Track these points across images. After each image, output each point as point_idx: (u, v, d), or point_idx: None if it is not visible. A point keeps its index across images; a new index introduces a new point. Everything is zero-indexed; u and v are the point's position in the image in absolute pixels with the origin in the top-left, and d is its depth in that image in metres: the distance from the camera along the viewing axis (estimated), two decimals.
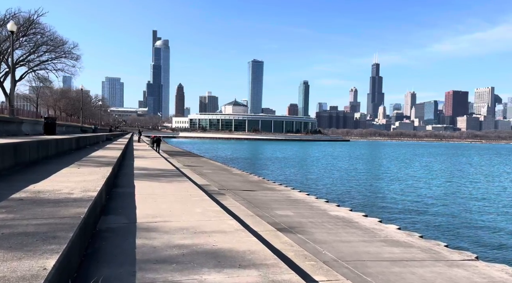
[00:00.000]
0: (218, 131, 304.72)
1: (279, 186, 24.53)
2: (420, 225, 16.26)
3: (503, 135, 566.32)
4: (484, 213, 20.91)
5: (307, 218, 14.41)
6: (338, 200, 22.29)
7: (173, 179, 11.96)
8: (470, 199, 25.88)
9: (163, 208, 6.83)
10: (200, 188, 11.34)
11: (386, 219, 16.69)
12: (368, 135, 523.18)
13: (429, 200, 25.12)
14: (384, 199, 24.94)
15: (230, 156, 77.46)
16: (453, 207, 22.45)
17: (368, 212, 17.80)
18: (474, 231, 16.06)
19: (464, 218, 19.15)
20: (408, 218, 17.97)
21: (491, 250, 13.02)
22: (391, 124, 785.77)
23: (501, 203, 24.51)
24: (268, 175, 36.67)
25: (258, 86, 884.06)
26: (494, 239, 14.67)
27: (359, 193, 27.25)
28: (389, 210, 20.76)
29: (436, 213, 20.10)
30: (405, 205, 22.30)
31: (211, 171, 32.57)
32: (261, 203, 17.37)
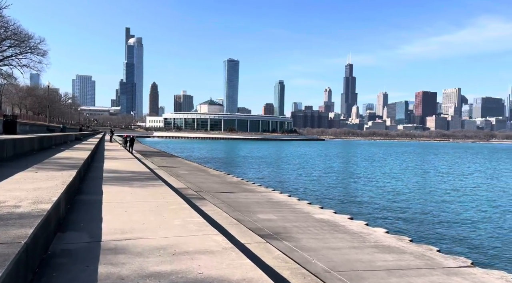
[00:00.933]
0: (193, 131, 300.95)
1: (259, 187, 23.69)
2: (407, 227, 15.85)
3: (469, 134, 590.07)
4: (463, 211, 20.86)
5: (292, 222, 13.63)
6: (320, 201, 21.69)
7: (147, 183, 10.83)
8: (448, 198, 25.96)
9: (135, 220, 5.80)
10: (177, 192, 10.29)
11: (372, 221, 16.17)
12: (342, 135, 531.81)
13: (409, 199, 24.97)
14: (366, 199, 24.59)
15: (206, 155, 76.06)
16: (432, 206, 22.32)
17: (352, 214, 17.24)
18: (461, 232, 15.79)
19: (446, 218, 18.96)
20: (393, 219, 17.56)
21: (483, 252, 12.69)
22: (364, 124, 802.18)
23: (478, 201, 24.66)
24: (246, 175, 35.78)
25: (233, 85, 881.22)
26: (482, 240, 14.42)
27: (340, 193, 26.82)
28: (373, 210, 20.33)
29: (419, 213, 19.83)
30: (388, 205, 21.97)
31: (188, 172, 31.35)
32: (242, 206, 16.46)
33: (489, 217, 19.63)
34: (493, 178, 42.55)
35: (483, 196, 27.74)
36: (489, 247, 13.30)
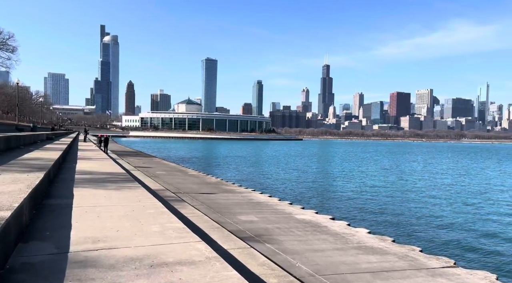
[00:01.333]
0: (171, 131, 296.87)
1: (239, 188, 23.31)
2: (388, 227, 15.85)
3: (441, 134, 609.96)
4: (440, 210, 21.17)
5: (273, 224, 13.34)
6: (301, 201, 21.52)
7: (122, 185, 10.27)
8: (425, 196, 26.37)
9: (108, 226, 5.32)
10: (155, 195, 9.79)
11: (353, 221, 16.09)
12: (320, 135, 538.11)
13: (388, 198, 25.19)
14: (346, 198, 24.63)
15: (184, 155, 74.98)
16: (411, 205, 22.56)
17: (333, 214, 17.14)
18: (440, 231, 15.94)
19: (424, 216, 19.15)
20: (374, 219, 17.56)
21: (463, 251, 12.79)
22: (341, 124, 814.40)
23: (453, 199, 25.15)
24: (226, 176, 35.31)
25: (212, 85, 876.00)
26: (461, 238, 14.56)
27: (320, 193, 26.79)
28: (354, 210, 20.32)
29: (398, 212, 19.97)
30: (368, 205, 22.05)
31: (165, 173, 30.60)
32: (222, 207, 16.05)
33: (465, 215, 19.98)
34: (465, 176, 43.76)
35: (458, 194, 28.36)
36: (468, 245, 13.43)
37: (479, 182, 37.48)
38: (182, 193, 19.43)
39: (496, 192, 30.42)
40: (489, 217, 19.60)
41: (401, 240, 13.36)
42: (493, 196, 27.69)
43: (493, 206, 23.42)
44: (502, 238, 14.86)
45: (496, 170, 54.50)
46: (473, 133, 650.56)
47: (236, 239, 7.51)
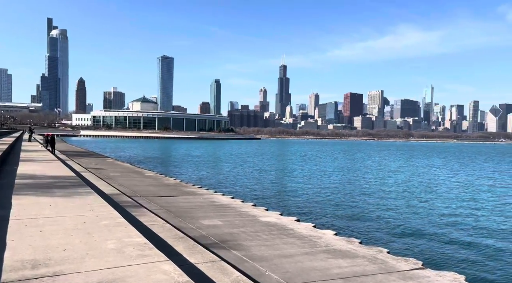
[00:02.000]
0: (125, 130, 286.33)
1: (199, 189, 22.46)
2: (353, 227, 15.82)
3: (391, 133, 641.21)
4: (398, 208, 21.70)
5: (238, 228, 12.76)
6: (265, 203, 21.11)
7: (72, 191, 9.18)
8: (383, 194, 27.01)
9: (53, 244, 4.45)
10: (109, 201, 8.82)
11: (319, 222, 15.89)
12: (277, 134, 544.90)
13: (350, 198, 25.49)
14: (309, 198, 24.58)
15: (140, 155, 72.23)
16: (372, 203, 22.95)
17: (298, 215, 16.86)
18: (403, 230, 16.19)
19: (386, 215, 19.47)
20: (340, 220, 17.51)
21: (428, 250, 12.96)
22: (297, 123, 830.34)
23: (409, 197, 25.99)
24: (184, 177, 34.17)
25: (168, 83, 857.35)
26: (424, 237, 14.85)
27: (283, 194, 26.57)
28: (318, 211, 20.23)
29: (362, 212, 20.15)
30: (333, 205, 22.09)
31: (120, 174, 28.96)
32: (183, 211, 15.20)
33: (424, 213, 20.59)
34: (417, 174, 45.78)
35: (413, 191, 29.41)
36: (432, 244, 13.67)
37: (431, 180, 39.26)
38: (139, 197, 18.28)
39: (448, 188, 31.91)
40: (446, 214, 20.34)
41: (367, 241, 13.31)
42: (448, 193, 28.99)
43: (449, 202, 24.43)
44: (465, 236, 15.36)
45: (443, 168, 57.68)
46: (420, 133, 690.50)
47: (203, 251, 6.83)
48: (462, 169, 56.32)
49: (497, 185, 36.09)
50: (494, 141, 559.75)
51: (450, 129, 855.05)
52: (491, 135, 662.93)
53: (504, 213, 20.99)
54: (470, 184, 35.77)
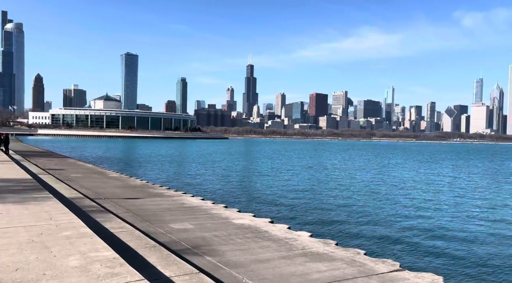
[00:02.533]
0: (87, 129, 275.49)
1: (167, 191, 21.64)
2: (328, 228, 15.70)
3: (355, 133, 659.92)
4: (370, 206, 21.96)
5: (211, 231, 12.24)
6: (236, 203, 20.66)
7: (27, 196, 8.29)
8: (352, 193, 27.31)
9: (3, 263, 3.76)
10: (71, 207, 8.06)
11: (293, 223, 15.66)
12: (245, 133, 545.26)
13: (321, 197, 25.52)
14: (281, 198, 24.38)
15: (103, 155, 69.45)
16: (343, 203, 23.08)
17: (271, 217, 16.56)
18: (377, 228, 16.29)
19: (357, 215, 19.59)
20: (313, 220, 17.36)
21: (403, 249, 13.04)
22: (264, 123, 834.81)
23: (377, 195, 26.43)
24: (151, 177, 33.03)
25: (132, 81, 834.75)
26: (398, 236, 14.98)
27: (253, 193, 26.21)
28: (291, 211, 20.01)
29: (335, 212, 20.16)
30: (305, 205, 21.97)
31: (82, 175, 27.49)
32: (152, 214, 14.45)
33: (391, 212, 20.94)
34: (383, 172, 46.97)
35: (381, 190, 29.98)
36: (407, 243, 13.79)
37: (397, 178, 40.35)
38: (103, 199, 17.29)
39: (414, 186, 32.85)
40: (415, 212, 20.80)
41: (343, 242, 13.21)
42: (414, 190, 29.80)
43: (417, 200, 25.06)
44: (438, 234, 15.65)
45: (407, 166, 59.71)
46: (381, 132, 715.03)
47: (179, 261, 6.30)
48: (427, 167, 58.54)
49: (463, 184, 37.65)
50: (450, 140, 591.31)
51: (409, 129, 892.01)
52: (446, 135, 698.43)
53: (475, 212, 21.78)
54: (437, 183, 37.09)
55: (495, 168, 61.65)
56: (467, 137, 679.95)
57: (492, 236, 16.01)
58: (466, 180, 40.79)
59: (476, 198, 27.23)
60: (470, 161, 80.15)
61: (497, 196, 28.30)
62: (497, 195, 29.14)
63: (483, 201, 25.58)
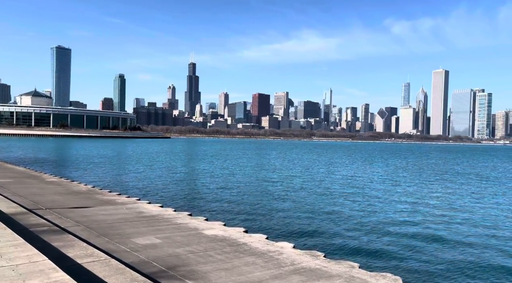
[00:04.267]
0: (12, 127, 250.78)
1: (119, 197, 19.48)
2: (303, 234, 14.82)
3: (295, 133, 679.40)
4: (328, 207, 21.62)
5: (183, 246, 10.77)
6: (197, 210, 19.08)
7: None
8: (309, 193, 26.95)
9: None
10: (18, 231, 6.23)
11: (269, 232, 14.54)
12: (187, 133, 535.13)
13: (283, 199, 24.76)
14: (241, 201, 23.19)
15: (34, 157, 62.93)
16: (307, 205, 22.51)
17: (243, 224, 15.37)
18: (348, 233, 15.81)
19: (326, 218, 19.09)
20: (284, 226, 16.40)
21: (390, 256, 12.57)
22: (207, 122, 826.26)
23: (332, 194, 26.33)
24: (95, 181, 30.03)
25: (64, 76, 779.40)
26: (374, 240, 14.60)
27: (213, 197, 24.72)
28: (253, 216, 18.92)
29: (301, 215, 19.45)
30: (267, 208, 21.01)
31: (13, 180, 24.06)
32: (108, 227, 12.53)
33: (360, 212, 20.79)
34: (329, 169, 47.82)
35: (332, 187, 30.02)
36: (391, 250, 13.39)
37: (348, 176, 41.11)
38: (44, 210, 14.88)
39: (364, 185, 33.46)
40: (375, 210, 20.83)
41: (328, 251, 12.42)
42: (366, 189, 30.22)
43: (371, 198, 25.26)
44: (422, 239, 15.55)
45: (348, 164, 61.67)
46: (321, 132, 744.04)
47: None
48: (368, 165, 60.89)
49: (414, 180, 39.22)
50: (382, 140, 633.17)
51: (346, 129, 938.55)
52: (379, 135, 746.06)
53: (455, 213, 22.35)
54: (376, 178, 38.32)
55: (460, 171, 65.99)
56: (397, 137, 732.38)
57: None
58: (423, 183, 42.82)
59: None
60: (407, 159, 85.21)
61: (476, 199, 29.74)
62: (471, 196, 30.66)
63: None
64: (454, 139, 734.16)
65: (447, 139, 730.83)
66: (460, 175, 48.68)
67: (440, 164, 72.72)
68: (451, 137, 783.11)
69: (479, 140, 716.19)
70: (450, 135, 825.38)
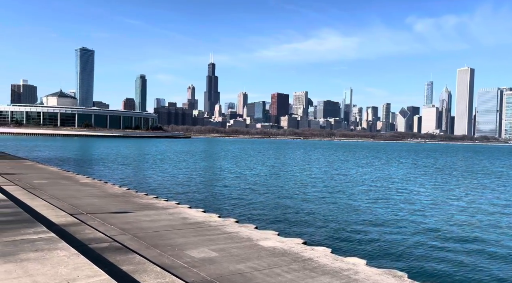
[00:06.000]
0: (39, 127, 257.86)
1: (157, 200, 18.61)
2: (371, 250, 13.40)
3: (315, 133, 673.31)
4: (371, 212, 20.25)
5: (244, 261, 9.65)
6: (245, 217, 17.89)
7: (16, 238, 5.30)
8: (345, 196, 25.59)
9: None
10: (79, 249, 5.23)
11: (329, 242, 13.25)
12: (207, 132, 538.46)
13: (333, 206, 23.46)
14: (289, 206, 22.01)
15: (62, 156, 63.58)
16: (338, 209, 21.17)
17: (296, 232, 14.18)
18: (385, 238, 14.39)
19: (366, 222, 17.72)
20: (348, 235, 14.98)
21: (403, 260, 11.16)
22: (226, 122, 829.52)
23: (369, 200, 24.89)
24: (126, 182, 29.45)
25: (88, 77, 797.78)
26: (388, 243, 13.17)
27: (251, 200, 23.64)
28: (309, 223, 17.68)
29: (338, 220, 18.10)
30: (323, 217, 19.72)
31: (47, 181, 23.62)
32: (156, 236, 11.57)
33: (381, 214, 19.33)
34: (362, 170, 46.03)
35: (374, 189, 28.54)
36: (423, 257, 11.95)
37: (396, 183, 39.38)
38: (85, 215, 14.10)
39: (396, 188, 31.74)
40: (393, 212, 19.27)
41: (368, 257, 11.07)
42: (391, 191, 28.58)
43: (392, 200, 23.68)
44: (432, 237, 14.03)
45: (383, 167, 59.63)
46: (341, 132, 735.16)
47: None
48: (403, 168, 58.65)
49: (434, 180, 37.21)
50: (404, 140, 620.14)
51: (366, 129, 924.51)
52: (401, 135, 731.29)
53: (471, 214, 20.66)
54: (406, 180, 36.44)
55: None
56: (419, 137, 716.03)
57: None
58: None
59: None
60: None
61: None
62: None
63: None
64: (480, 139, 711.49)
65: (472, 140, 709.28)
66: None
67: (498, 165, 69.62)
68: (477, 137, 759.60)
69: (506, 141, 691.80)
70: (475, 136, 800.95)
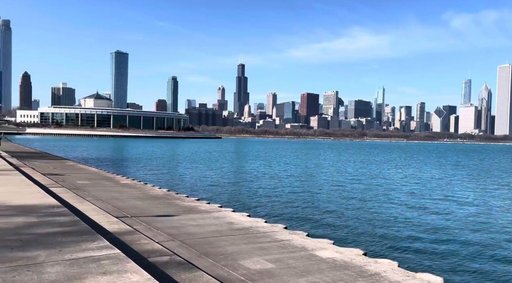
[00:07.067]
0: (77, 128, 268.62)
1: (199, 203, 18.09)
2: (442, 264, 12.12)
3: (346, 133, 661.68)
4: (418, 216, 18.77)
5: (305, 275, 8.78)
6: (292, 222, 16.96)
7: (79, 256, 4.72)
8: (388, 199, 24.10)
9: None
10: (122, 249, 4.53)
11: (394, 253, 12.07)
12: (237, 133, 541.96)
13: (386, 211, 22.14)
14: (328, 210, 20.93)
15: (100, 157, 65.20)
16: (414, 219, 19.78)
17: (349, 240, 13.12)
18: (430, 246, 12.97)
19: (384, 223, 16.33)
20: (414, 246, 13.71)
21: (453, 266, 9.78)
22: (256, 122, 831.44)
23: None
24: (164, 183, 29.32)
25: (122, 79, 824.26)
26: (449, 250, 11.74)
27: (293, 203, 22.74)
28: (368, 232, 16.56)
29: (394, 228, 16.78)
30: (382, 224, 18.47)
31: (89, 182, 23.76)
32: (204, 242, 10.93)
33: (407, 215, 17.77)
34: (405, 172, 43.94)
35: (422, 193, 26.83)
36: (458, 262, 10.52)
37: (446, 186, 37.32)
38: (130, 218, 13.73)
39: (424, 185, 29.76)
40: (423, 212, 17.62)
41: (420, 268, 9.83)
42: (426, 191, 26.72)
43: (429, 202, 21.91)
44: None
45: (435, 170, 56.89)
46: (373, 132, 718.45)
47: None
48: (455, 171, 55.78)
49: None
50: (440, 140, 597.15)
51: (399, 129, 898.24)
52: (436, 135, 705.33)
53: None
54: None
55: None
56: (456, 137, 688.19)
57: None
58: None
59: None
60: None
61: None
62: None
63: None
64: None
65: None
66: None
67: None
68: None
69: None
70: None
